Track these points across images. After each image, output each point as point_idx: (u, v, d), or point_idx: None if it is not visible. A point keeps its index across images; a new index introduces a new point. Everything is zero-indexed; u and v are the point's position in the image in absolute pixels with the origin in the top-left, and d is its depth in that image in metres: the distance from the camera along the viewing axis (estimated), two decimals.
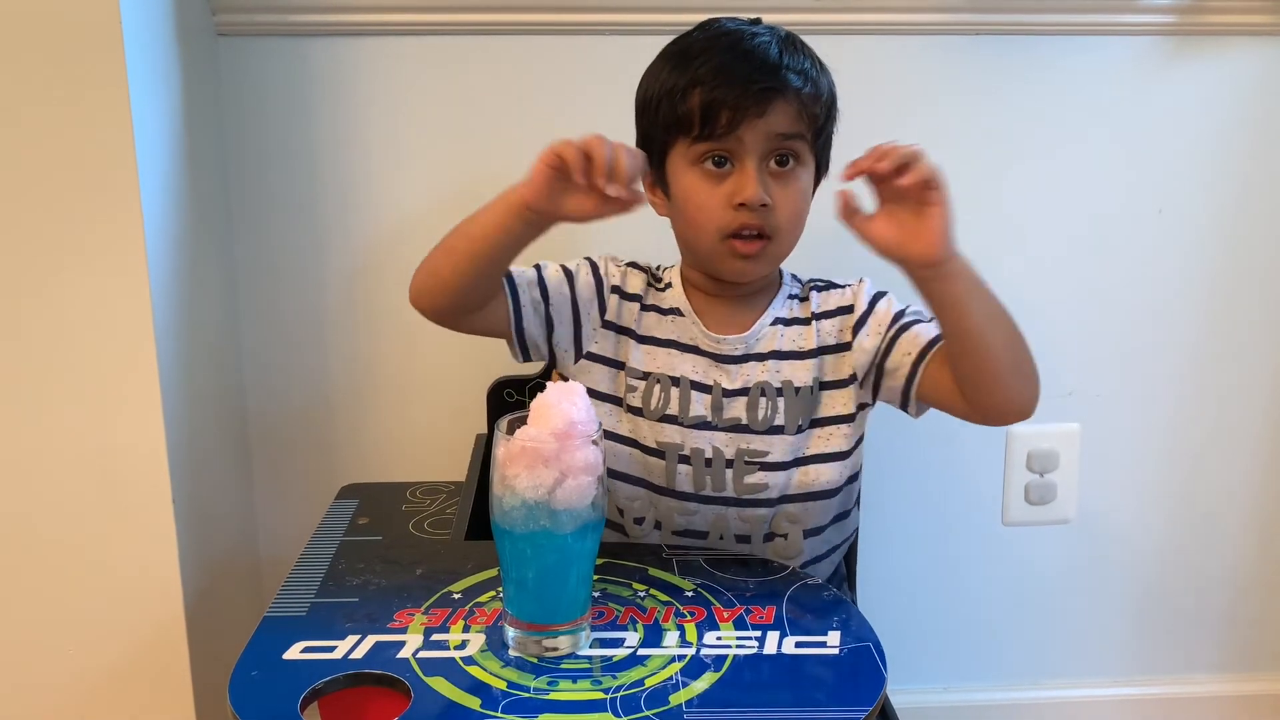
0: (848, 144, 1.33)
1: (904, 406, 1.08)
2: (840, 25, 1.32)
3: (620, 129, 1.21)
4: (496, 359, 1.36)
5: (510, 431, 0.85)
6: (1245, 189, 1.43)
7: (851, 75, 1.34)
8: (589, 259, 1.12)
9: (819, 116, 1.03)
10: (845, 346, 1.07)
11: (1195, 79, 1.39)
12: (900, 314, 1.07)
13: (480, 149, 1.34)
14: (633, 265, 1.13)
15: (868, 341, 1.07)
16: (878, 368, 1.07)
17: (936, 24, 1.33)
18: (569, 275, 1.09)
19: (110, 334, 1.10)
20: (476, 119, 1.33)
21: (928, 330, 1.04)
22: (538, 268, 1.09)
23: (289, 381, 1.39)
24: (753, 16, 1.07)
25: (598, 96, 1.33)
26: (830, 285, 1.12)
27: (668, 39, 1.30)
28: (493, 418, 1.30)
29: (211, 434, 1.27)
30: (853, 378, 1.08)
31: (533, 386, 1.30)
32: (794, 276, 1.14)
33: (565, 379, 0.94)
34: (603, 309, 1.09)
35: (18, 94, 1.05)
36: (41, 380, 1.11)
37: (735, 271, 1.04)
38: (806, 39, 1.33)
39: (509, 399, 1.32)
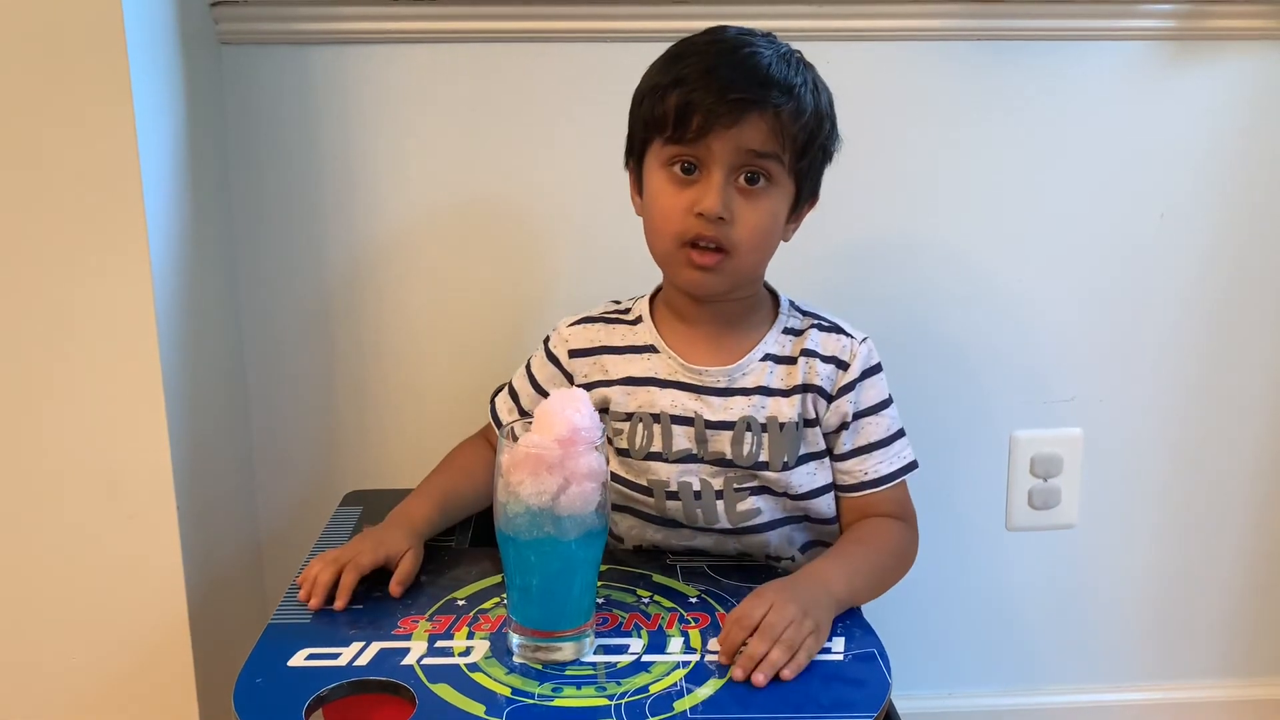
0: (848, 151, 1.34)
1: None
2: (839, 31, 1.32)
3: (619, 137, 1.22)
4: (499, 365, 1.36)
5: (514, 438, 0.85)
6: (1247, 193, 1.43)
7: (851, 81, 1.34)
8: (545, 341, 1.13)
9: (799, 138, 0.98)
10: (830, 397, 1.05)
11: (1196, 83, 1.39)
12: (882, 405, 1.06)
13: (482, 156, 1.34)
14: (585, 319, 1.12)
15: (847, 406, 1.05)
16: (836, 431, 1.06)
17: (936, 30, 1.34)
18: (531, 377, 1.12)
19: (114, 341, 1.10)
20: (478, 126, 1.33)
21: (877, 466, 1.05)
22: (512, 392, 1.14)
23: (292, 388, 1.39)
24: (766, 31, 1.04)
25: (598, 104, 1.33)
26: (836, 329, 1.07)
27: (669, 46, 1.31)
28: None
29: (215, 441, 1.27)
30: (817, 419, 1.05)
31: None
32: (793, 305, 1.10)
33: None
34: (570, 378, 1.10)
35: (21, 102, 1.05)
36: (46, 387, 1.11)
37: (689, 282, 1.01)
38: (806, 44, 1.33)
39: None
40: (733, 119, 0.95)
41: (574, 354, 1.09)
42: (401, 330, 1.39)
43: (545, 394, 1.05)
